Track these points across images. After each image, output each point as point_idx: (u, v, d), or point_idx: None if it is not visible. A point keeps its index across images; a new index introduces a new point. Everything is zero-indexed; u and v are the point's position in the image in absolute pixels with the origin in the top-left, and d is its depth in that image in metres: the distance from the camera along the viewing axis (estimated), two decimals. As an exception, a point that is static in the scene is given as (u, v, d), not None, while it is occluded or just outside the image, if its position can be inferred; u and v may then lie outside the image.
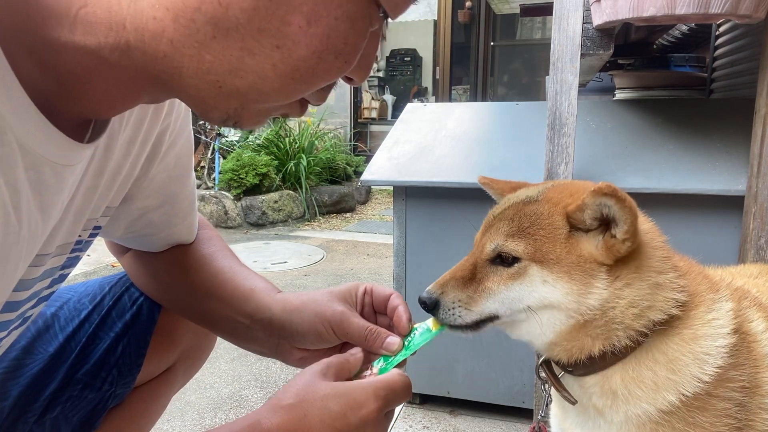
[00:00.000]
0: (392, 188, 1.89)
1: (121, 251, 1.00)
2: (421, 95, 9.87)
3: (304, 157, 5.98)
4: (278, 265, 4.03)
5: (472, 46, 8.84)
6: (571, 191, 0.79)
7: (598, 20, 1.39)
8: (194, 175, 0.93)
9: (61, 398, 0.93)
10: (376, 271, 3.90)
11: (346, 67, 0.54)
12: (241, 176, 5.36)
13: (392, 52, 10.21)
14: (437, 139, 1.97)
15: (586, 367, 0.77)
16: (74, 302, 0.99)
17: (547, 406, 0.91)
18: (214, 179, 5.71)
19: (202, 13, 0.48)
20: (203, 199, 5.25)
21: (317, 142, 6.57)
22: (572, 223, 0.76)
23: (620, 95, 2.46)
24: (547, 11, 3.27)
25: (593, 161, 1.65)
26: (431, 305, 0.79)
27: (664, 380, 0.73)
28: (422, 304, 0.80)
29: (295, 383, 0.66)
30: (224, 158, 5.76)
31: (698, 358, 0.73)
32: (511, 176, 1.75)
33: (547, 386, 0.88)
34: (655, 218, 0.83)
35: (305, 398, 0.63)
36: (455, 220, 1.82)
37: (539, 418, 0.94)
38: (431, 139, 1.98)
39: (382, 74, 10.16)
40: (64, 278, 0.78)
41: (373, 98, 9.51)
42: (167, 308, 1.00)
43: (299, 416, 0.61)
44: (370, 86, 9.69)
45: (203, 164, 5.82)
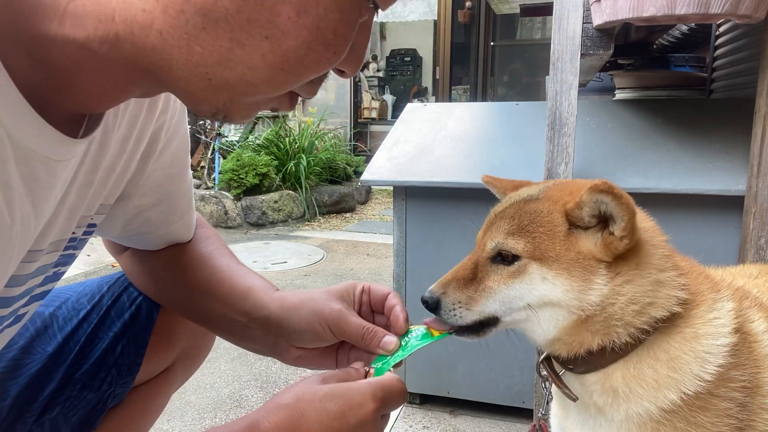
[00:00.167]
0: (392, 188, 1.89)
1: (119, 250, 1.00)
2: (421, 95, 9.87)
3: (304, 157, 5.98)
4: (278, 265, 4.03)
5: (472, 46, 8.84)
6: (571, 189, 0.79)
7: (598, 20, 1.39)
8: (191, 173, 0.93)
9: (60, 398, 0.92)
10: (376, 271, 3.90)
11: (335, 58, 0.54)
12: (241, 176, 5.36)
13: (392, 52, 10.21)
14: (437, 139, 1.97)
15: (586, 363, 0.77)
16: (73, 302, 0.99)
17: (547, 404, 0.91)
18: (214, 179, 5.70)
19: (191, 4, 0.48)
20: (203, 199, 5.25)
21: (317, 142, 6.56)
22: (571, 220, 0.76)
23: (620, 95, 2.46)
24: (547, 11, 3.27)
25: (593, 161, 1.65)
26: (433, 305, 0.79)
27: (665, 378, 0.73)
28: (424, 303, 0.80)
29: (295, 385, 0.66)
30: (224, 158, 5.76)
31: (699, 356, 0.73)
32: (511, 176, 1.74)
33: (548, 384, 0.88)
34: (655, 218, 0.83)
35: (303, 398, 0.63)
36: (455, 220, 1.82)
37: (540, 416, 0.93)
38: (431, 139, 1.98)
39: (382, 74, 10.16)
40: (58, 277, 0.78)
41: (373, 98, 9.51)
42: (166, 307, 1.00)
43: (297, 416, 0.61)
44: (370, 86, 9.69)
45: (203, 164, 5.82)
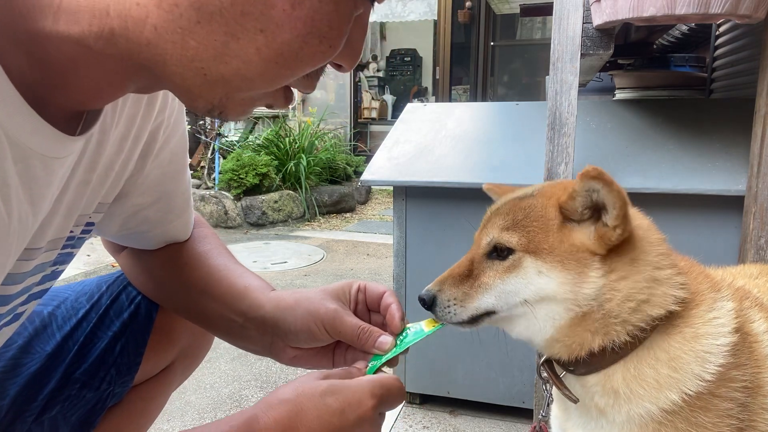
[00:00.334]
0: (392, 188, 1.89)
1: (117, 250, 1.00)
2: (421, 95, 9.87)
3: (304, 157, 5.97)
4: (278, 265, 4.03)
5: (472, 46, 8.84)
6: (564, 185, 0.79)
7: (598, 20, 1.39)
8: (189, 172, 0.93)
9: (59, 397, 0.92)
10: (376, 271, 3.90)
11: (331, 51, 0.54)
12: (241, 176, 5.36)
13: (392, 52, 10.21)
14: (437, 139, 1.97)
15: (587, 364, 0.77)
16: (71, 301, 0.99)
17: (548, 405, 0.90)
18: (214, 179, 5.70)
19: None
20: (203, 199, 5.24)
21: (317, 142, 6.56)
22: (565, 214, 0.76)
23: (620, 95, 2.45)
24: (547, 11, 3.27)
25: (593, 161, 1.63)
26: (429, 302, 0.79)
27: (666, 378, 0.73)
28: (421, 301, 0.80)
29: (295, 379, 0.66)
30: (224, 158, 5.76)
31: (699, 356, 0.73)
32: (511, 176, 1.77)
33: (548, 386, 0.88)
34: (655, 218, 0.83)
35: (304, 393, 0.63)
36: (455, 220, 1.82)
37: (540, 417, 0.93)
38: (431, 139, 1.98)
39: (382, 74, 10.16)
40: (57, 275, 0.78)
41: (373, 98, 9.51)
42: (164, 307, 1.00)
43: (297, 411, 0.61)
44: (370, 86, 9.69)
45: (203, 164, 5.81)
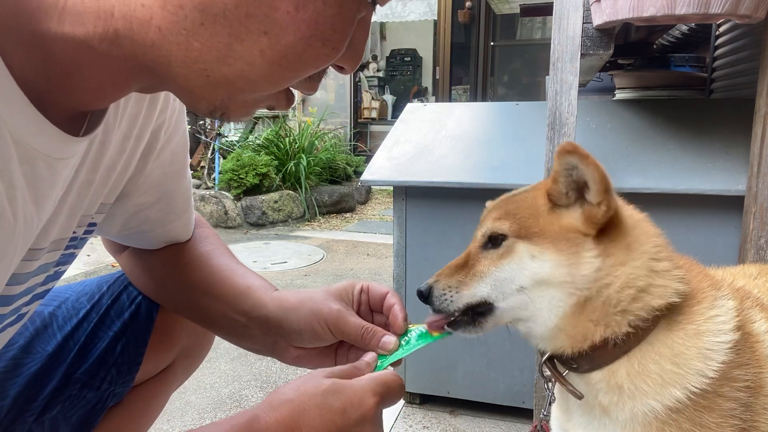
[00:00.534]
0: (392, 188, 1.89)
1: (118, 250, 1.00)
2: (421, 95, 9.88)
3: (304, 157, 5.97)
4: (278, 265, 4.03)
5: (472, 46, 8.84)
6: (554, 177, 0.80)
7: (598, 20, 1.39)
8: (190, 172, 0.93)
9: (60, 397, 0.92)
10: (376, 271, 3.90)
11: (334, 54, 0.54)
12: (241, 176, 5.36)
13: (392, 52, 10.21)
14: (437, 139, 1.97)
15: (590, 360, 0.77)
16: (72, 301, 0.99)
17: (549, 404, 0.90)
18: (214, 179, 5.70)
19: None
20: (203, 199, 5.24)
21: (317, 142, 6.56)
22: (552, 200, 0.78)
23: (620, 95, 2.45)
24: (547, 11, 3.27)
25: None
26: (426, 293, 0.80)
27: (669, 374, 0.73)
28: (419, 294, 0.80)
29: (297, 380, 0.66)
30: (224, 158, 5.76)
31: (701, 353, 0.73)
32: (511, 176, 1.77)
33: (550, 385, 0.87)
34: (655, 218, 0.83)
35: (305, 393, 0.63)
36: (455, 220, 1.82)
37: (541, 416, 0.93)
38: (431, 139, 1.98)
39: (382, 74, 10.16)
40: (59, 276, 0.78)
41: (373, 98, 9.51)
42: (165, 307, 1.00)
43: (299, 410, 0.61)
44: (370, 86, 9.69)
45: (203, 164, 5.81)
